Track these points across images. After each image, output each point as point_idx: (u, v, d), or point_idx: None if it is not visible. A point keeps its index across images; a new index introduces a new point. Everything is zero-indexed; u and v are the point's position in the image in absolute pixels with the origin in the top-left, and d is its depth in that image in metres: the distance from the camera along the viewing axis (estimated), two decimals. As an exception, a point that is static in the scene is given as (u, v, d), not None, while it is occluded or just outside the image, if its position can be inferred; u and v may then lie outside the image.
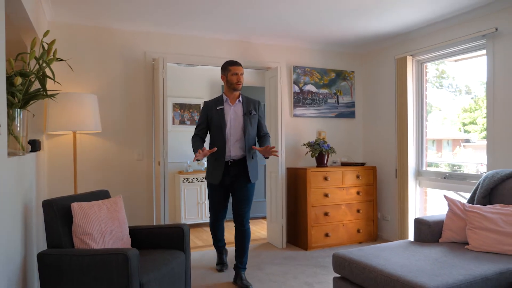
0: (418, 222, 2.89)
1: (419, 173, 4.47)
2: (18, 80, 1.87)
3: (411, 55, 4.42)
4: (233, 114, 3.30)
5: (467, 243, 2.65)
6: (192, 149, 3.26)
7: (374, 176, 4.76)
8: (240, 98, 3.35)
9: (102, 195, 2.82)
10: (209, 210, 3.57)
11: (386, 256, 2.38)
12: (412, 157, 4.43)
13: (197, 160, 3.05)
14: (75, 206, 2.41)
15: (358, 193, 4.64)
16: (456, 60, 4.51)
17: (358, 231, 4.63)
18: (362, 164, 4.79)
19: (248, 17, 3.79)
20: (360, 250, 2.52)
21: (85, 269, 2.18)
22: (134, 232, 2.81)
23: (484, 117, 3.84)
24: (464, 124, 4.53)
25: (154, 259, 2.48)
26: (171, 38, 4.21)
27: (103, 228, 2.48)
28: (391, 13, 3.76)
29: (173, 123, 5.83)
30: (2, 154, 1.70)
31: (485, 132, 3.72)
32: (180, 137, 5.72)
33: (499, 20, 3.50)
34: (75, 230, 2.40)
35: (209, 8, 3.52)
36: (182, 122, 5.92)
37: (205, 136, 3.39)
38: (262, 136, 3.42)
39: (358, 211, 4.64)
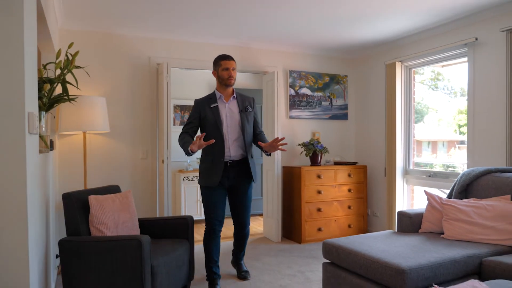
0: (401, 214, 3.19)
1: (406, 172, 4.77)
2: (47, 87, 2.14)
3: (400, 61, 4.72)
4: (229, 111, 3.12)
5: (443, 233, 2.95)
6: (180, 147, 3.01)
7: (364, 175, 5.06)
8: (235, 95, 3.19)
9: (113, 189, 3.09)
10: (205, 218, 3.17)
11: (370, 243, 2.67)
12: (400, 157, 4.73)
13: (190, 154, 2.86)
14: (92, 198, 2.69)
15: (349, 190, 4.94)
16: (443, 66, 4.80)
17: (349, 226, 4.93)
18: (354, 163, 5.08)
19: (247, 24, 4.07)
20: (347, 238, 2.81)
21: (102, 254, 2.46)
22: (143, 223, 3.09)
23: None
24: (459, 126, 4.56)
25: (162, 246, 2.76)
26: (174, 43, 4.49)
27: (116, 219, 2.76)
28: (381, 22, 4.06)
29: (174, 124, 6.10)
30: (35, 151, 1.98)
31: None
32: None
33: (478, 30, 3.80)
34: (92, 220, 2.68)
35: (210, 15, 3.80)
36: (183, 123, 6.19)
37: (195, 135, 3.16)
38: (258, 134, 3.27)
39: (349, 207, 4.93)
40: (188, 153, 2.89)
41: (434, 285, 1.79)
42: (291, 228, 4.86)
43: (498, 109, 3.65)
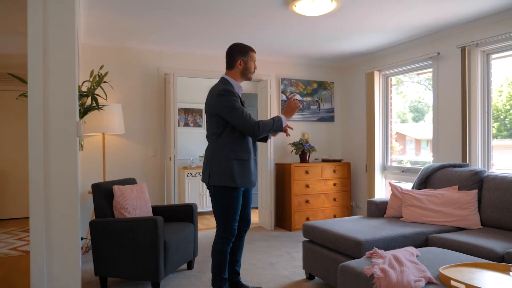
0: (369, 202, 3.82)
1: (384, 168, 5.40)
2: (84, 100, 2.78)
3: (378, 70, 5.34)
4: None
5: (402, 217, 3.58)
6: (259, 134, 2.67)
7: (348, 171, 5.69)
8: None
9: (131, 181, 3.73)
10: (221, 226, 2.74)
11: (340, 224, 3.30)
12: (378, 155, 5.36)
13: (279, 130, 2.73)
14: (115, 188, 3.33)
15: (334, 184, 5.57)
16: (418, 74, 5.43)
17: (334, 216, 5.56)
18: (339, 161, 5.72)
19: (244, 39, 4.69)
20: (323, 221, 3.44)
21: (124, 232, 3.09)
22: (155, 209, 3.73)
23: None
24: None
25: (172, 227, 3.40)
26: (179, 55, 5.12)
27: (135, 204, 3.40)
28: (357, 39, 4.68)
29: (178, 125, 6.74)
30: (77, 150, 2.61)
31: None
32: (185, 138, 6.64)
33: (440, 46, 4.43)
34: (115, 205, 3.32)
35: (211, 31, 4.41)
36: (186, 124, 6.83)
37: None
38: None
39: (334, 199, 5.57)
40: (276, 130, 2.73)
41: (374, 248, 2.43)
42: (283, 218, 5.50)
43: (455, 114, 4.27)
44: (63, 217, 2.35)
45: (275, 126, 2.70)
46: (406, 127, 5.66)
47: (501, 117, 4.21)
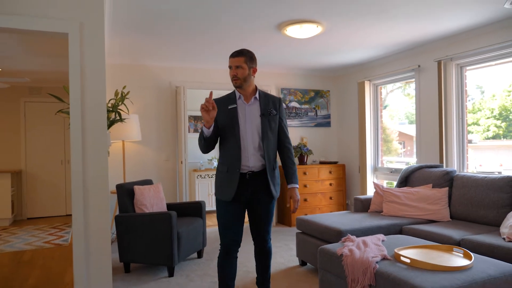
0: (355, 199, 4.36)
1: (376, 169, 5.93)
2: (110, 114, 3.37)
3: (368, 80, 5.87)
4: (249, 114, 2.60)
5: (382, 211, 4.11)
6: (199, 149, 2.66)
7: (343, 172, 6.22)
8: (257, 95, 2.65)
9: (148, 182, 4.33)
10: (220, 237, 2.68)
11: (327, 218, 3.84)
12: (369, 157, 5.88)
13: (207, 136, 2.52)
14: (136, 187, 3.92)
15: (330, 184, 6.11)
16: (406, 82, 5.94)
17: (331, 213, 6.10)
18: (335, 163, 6.25)
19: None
20: (313, 215, 3.99)
21: (144, 224, 3.68)
22: (169, 205, 4.32)
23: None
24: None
25: (183, 221, 3.98)
26: (188, 70, 5.72)
27: (152, 202, 3.99)
28: (348, 53, 5.22)
29: (188, 132, 7.34)
30: (107, 157, 3.20)
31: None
32: (194, 143, 7.21)
33: (420, 59, 4.95)
34: (136, 202, 3.91)
35: (216, 48, 4.97)
36: (196, 131, 7.44)
37: (216, 140, 2.66)
38: (283, 148, 2.75)
39: (330, 198, 6.10)
40: (205, 137, 2.52)
41: (348, 234, 2.97)
42: (283, 215, 6.05)
43: (434, 121, 4.79)
44: (97, 211, 2.94)
45: (203, 132, 2.55)
46: (414, 128, 5.79)
47: (510, 117, 4.48)
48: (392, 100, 6.25)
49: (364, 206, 4.30)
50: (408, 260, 2.35)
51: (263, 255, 2.79)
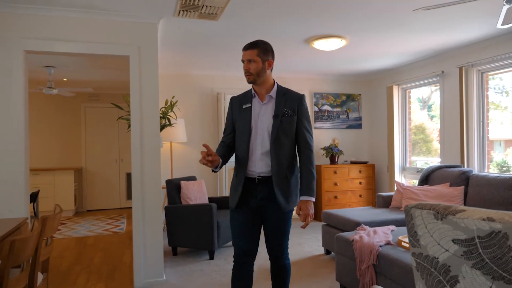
0: (377, 196, 4.76)
1: (404, 169, 6.24)
2: (162, 121, 4.01)
3: (397, 84, 6.20)
4: (263, 115, 2.37)
5: (401, 207, 4.48)
6: None
7: (373, 171, 6.58)
8: (272, 93, 2.39)
9: (192, 178, 4.96)
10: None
11: (349, 212, 4.28)
12: (397, 157, 6.21)
13: (215, 171, 2.35)
14: (182, 183, 4.56)
15: (360, 183, 6.49)
16: (435, 85, 6.21)
17: (360, 210, 6.48)
18: (365, 163, 6.62)
19: (279, 63, 5.78)
20: (336, 210, 4.44)
21: (189, 214, 4.30)
22: (210, 199, 4.94)
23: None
24: None
25: (222, 212, 4.57)
26: (228, 78, 6.32)
27: (196, 195, 4.61)
28: (373, 61, 5.60)
29: (229, 132, 7.95)
30: (159, 157, 3.83)
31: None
32: (234, 143, 7.85)
33: (444, 65, 5.24)
34: (182, 195, 4.55)
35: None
36: (235, 132, 8.04)
37: (233, 143, 2.51)
38: (300, 154, 2.41)
39: (360, 196, 6.49)
40: (213, 171, 2.36)
41: (362, 224, 3.41)
42: (315, 211, 6.51)
43: (456, 123, 5.07)
44: (152, 203, 3.58)
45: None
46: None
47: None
48: (436, 99, 6.39)
49: (385, 202, 4.69)
50: (407, 245, 2.77)
51: (278, 273, 2.46)
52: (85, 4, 3.26)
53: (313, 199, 2.33)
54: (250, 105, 2.39)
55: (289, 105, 2.34)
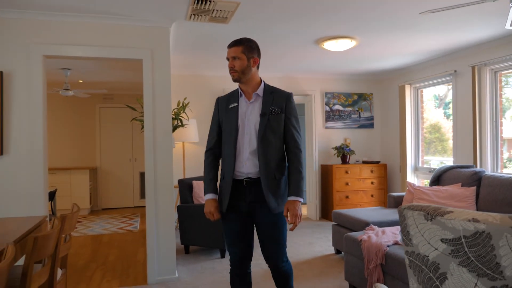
0: (389, 196, 4.76)
1: (416, 169, 6.21)
2: (175, 122, 4.10)
3: (409, 84, 6.18)
4: (249, 114, 2.31)
5: (413, 207, 4.48)
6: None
7: (385, 171, 6.57)
8: (259, 91, 2.33)
9: (204, 178, 5.04)
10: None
11: (360, 212, 4.30)
12: (409, 157, 6.19)
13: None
14: (194, 182, 4.65)
15: (372, 183, 6.48)
16: (448, 85, 6.17)
17: (372, 210, 6.48)
18: (377, 162, 6.62)
19: (289, 63, 5.82)
20: (347, 209, 4.46)
21: (201, 213, 4.38)
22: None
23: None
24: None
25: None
26: (240, 78, 6.38)
27: (207, 195, 4.69)
28: (385, 61, 5.60)
29: (241, 132, 8.02)
30: (172, 157, 3.92)
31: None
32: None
33: (456, 64, 5.21)
34: (194, 195, 4.63)
35: (262, 60, 5.59)
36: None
37: (220, 150, 2.41)
38: (288, 154, 2.33)
39: (371, 195, 6.48)
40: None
41: (371, 224, 3.44)
42: (326, 210, 6.53)
43: (469, 123, 5.04)
44: (164, 202, 3.67)
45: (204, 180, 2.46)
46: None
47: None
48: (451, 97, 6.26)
49: (396, 202, 4.69)
50: (416, 245, 2.80)
51: (278, 278, 2.38)
52: (100, 10, 3.36)
53: (302, 199, 2.25)
54: (236, 104, 2.33)
55: (277, 103, 2.29)
